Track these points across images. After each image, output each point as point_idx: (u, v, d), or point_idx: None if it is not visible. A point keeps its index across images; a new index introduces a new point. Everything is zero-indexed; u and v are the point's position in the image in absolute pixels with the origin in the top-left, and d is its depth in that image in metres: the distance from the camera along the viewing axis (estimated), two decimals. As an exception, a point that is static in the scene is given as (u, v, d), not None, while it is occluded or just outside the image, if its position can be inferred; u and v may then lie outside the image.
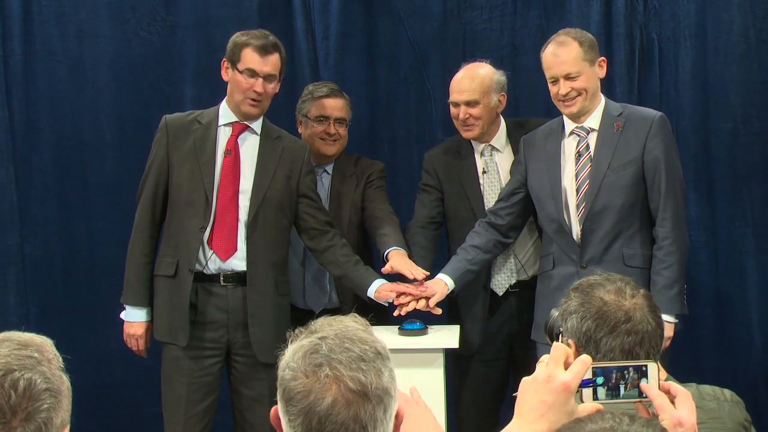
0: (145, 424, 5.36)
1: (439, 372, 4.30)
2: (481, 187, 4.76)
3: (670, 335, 4.19)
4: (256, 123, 4.56)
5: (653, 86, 5.47)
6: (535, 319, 4.53)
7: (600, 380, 2.09)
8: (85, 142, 5.63)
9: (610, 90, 5.24)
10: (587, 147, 4.41)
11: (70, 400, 2.04)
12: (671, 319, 4.21)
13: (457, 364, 4.86)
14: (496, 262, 4.74)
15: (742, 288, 5.51)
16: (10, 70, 5.51)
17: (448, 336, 4.38)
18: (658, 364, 2.12)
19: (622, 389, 2.16)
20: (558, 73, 4.33)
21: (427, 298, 4.37)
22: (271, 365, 3.92)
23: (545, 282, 4.52)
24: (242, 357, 4.49)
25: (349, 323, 2.12)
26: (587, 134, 4.42)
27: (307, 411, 1.97)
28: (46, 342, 2.07)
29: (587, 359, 2.05)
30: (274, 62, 4.45)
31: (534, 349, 4.49)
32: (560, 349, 2.06)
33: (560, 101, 4.37)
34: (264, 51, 4.43)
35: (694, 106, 5.47)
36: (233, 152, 4.50)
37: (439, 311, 4.45)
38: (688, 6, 5.44)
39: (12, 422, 1.91)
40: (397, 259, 4.47)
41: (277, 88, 4.55)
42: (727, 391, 2.61)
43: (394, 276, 4.53)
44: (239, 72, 4.42)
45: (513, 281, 4.78)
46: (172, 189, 4.50)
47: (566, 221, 4.41)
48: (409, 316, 4.42)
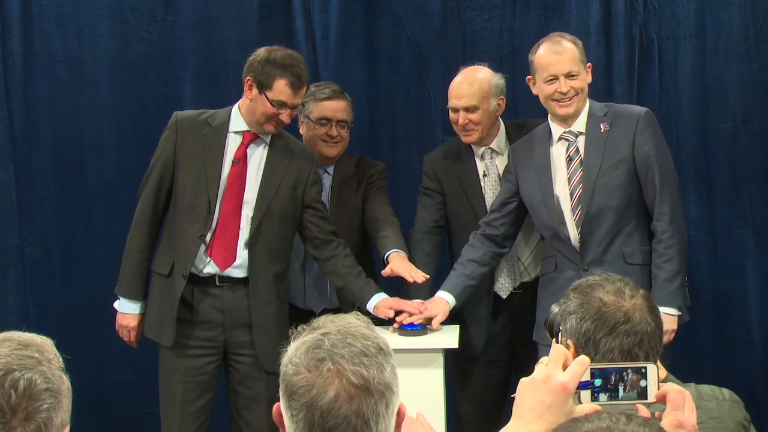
0: (144, 424, 5.37)
1: (439, 372, 4.30)
2: (483, 190, 4.76)
3: (673, 328, 4.22)
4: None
5: (653, 86, 5.48)
6: (537, 320, 4.52)
7: (598, 382, 2.09)
8: (85, 142, 5.64)
9: (609, 90, 5.33)
10: (577, 151, 4.42)
11: (70, 400, 2.04)
12: (674, 312, 4.25)
13: (459, 365, 4.88)
14: (500, 266, 4.75)
15: (742, 288, 5.52)
16: (10, 70, 5.52)
17: (447, 336, 4.38)
18: (657, 366, 2.11)
19: (621, 391, 2.15)
20: (559, 71, 4.32)
21: (427, 320, 4.37)
22: (276, 373, 4.14)
23: (548, 284, 4.52)
24: (241, 357, 4.50)
25: (352, 320, 2.14)
26: (576, 138, 4.43)
27: (310, 405, 1.98)
28: (46, 342, 2.08)
29: (585, 360, 2.05)
30: (303, 94, 4.48)
31: (536, 350, 4.48)
32: (559, 351, 2.07)
33: (556, 101, 4.35)
34: (298, 86, 4.40)
35: (693, 106, 5.48)
36: (241, 161, 4.48)
37: (440, 328, 4.44)
38: (687, 6, 5.44)
39: (12, 422, 1.92)
40: (397, 261, 4.47)
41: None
42: (726, 391, 2.61)
43: (394, 279, 4.55)
44: (268, 99, 4.36)
45: (517, 284, 4.79)
46: (176, 189, 4.49)
47: (562, 227, 4.42)
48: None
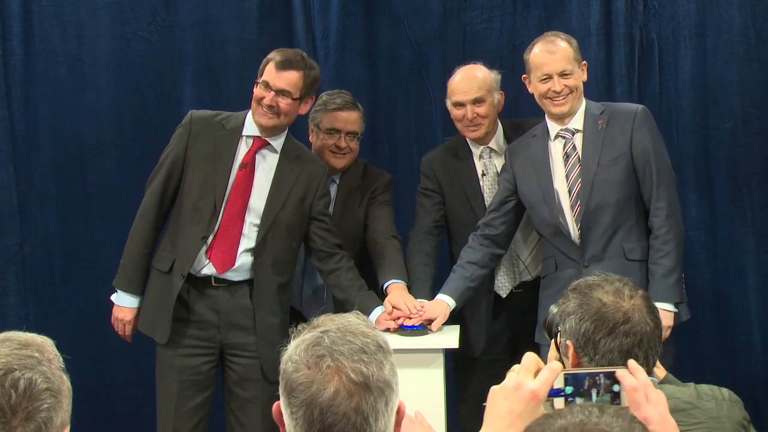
0: (144, 424, 5.33)
1: (439, 372, 4.30)
2: (482, 189, 4.77)
3: (669, 324, 4.21)
4: (277, 141, 4.52)
5: (653, 86, 5.49)
6: (539, 321, 4.51)
7: (569, 390, 2.10)
8: (85, 142, 5.65)
9: (610, 90, 5.35)
10: (574, 148, 4.43)
11: (71, 399, 2.04)
12: (670, 308, 4.25)
13: (459, 365, 4.87)
14: (500, 265, 4.75)
15: (742, 288, 5.53)
16: (10, 69, 5.53)
17: (447, 336, 4.37)
18: (629, 370, 2.09)
19: (594, 395, 2.16)
20: (553, 70, 4.34)
21: (427, 322, 4.37)
22: (276, 382, 4.18)
23: (549, 284, 4.52)
24: (237, 358, 4.50)
25: (352, 319, 2.15)
26: (573, 135, 4.44)
27: (309, 402, 1.98)
28: (46, 342, 2.10)
29: (557, 366, 2.05)
30: (289, 79, 4.38)
31: (538, 350, 4.44)
32: (531, 358, 2.07)
33: (550, 99, 4.37)
34: (281, 66, 4.39)
35: (694, 106, 5.49)
36: (249, 167, 4.47)
37: (441, 329, 4.44)
38: (687, 6, 5.46)
39: (12, 422, 1.92)
40: (395, 294, 4.45)
41: (297, 107, 4.47)
42: (725, 390, 2.60)
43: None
44: (258, 83, 4.41)
45: (517, 283, 4.80)
46: (184, 188, 4.49)
47: (563, 223, 4.42)
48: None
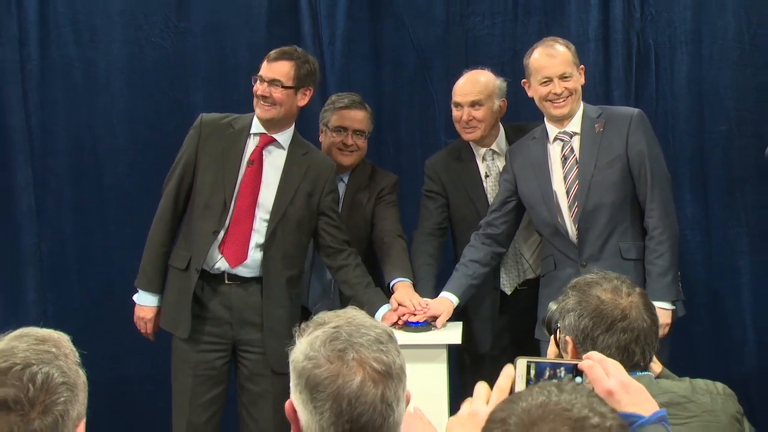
0: (157, 418, 5.32)
1: (443, 367, 4.31)
2: (485, 190, 4.78)
3: (668, 322, 4.23)
4: (284, 136, 4.55)
5: (650, 91, 5.49)
6: (539, 318, 4.51)
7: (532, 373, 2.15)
8: (99, 146, 5.68)
9: (608, 94, 5.35)
10: (572, 150, 4.45)
11: (86, 393, 2.07)
12: (668, 306, 4.26)
13: (465, 361, 4.89)
14: (505, 263, 4.78)
15: (736, 288, 5.54)
16: (27, 74, 5.56)
17: (451, 332, 4.39)
18: (593, 362, 2.11)
19: None
20: (553, 73, 4.35)
21: (432, 318, 4.39)
22: (285, 374, 4.18)
23: (549, 283, 4.53)
24: (248, 354, 4.52)
25: (355, 313, 2.18)
26: (570, 138, 4.45)
27: (336, 395, 2.00)
28: (63, 337, 2.11)
29: (505, 383, 2.08)
30: (278, 69, 4.42)
31: (539, 346, 4.46)
32: (481, 387, 2.10)
33: (550, 101, 4.39)
34: (272, 58, 4.46)
35: (689, 110, 5.50)
36: (256, 163, 4.50)
37: (445, 325, 4.45)
38: (683, 12, 5.46)
39: (30, 414, 1.94)
40: (401, 292, 4.47)
41: (296, 97, 4.48)
42: (719, 385, 2.61)
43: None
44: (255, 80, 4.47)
45: (521, 281, 4.82)
46: (196, 187, 4.53)
47: (561, 223, 4.44)
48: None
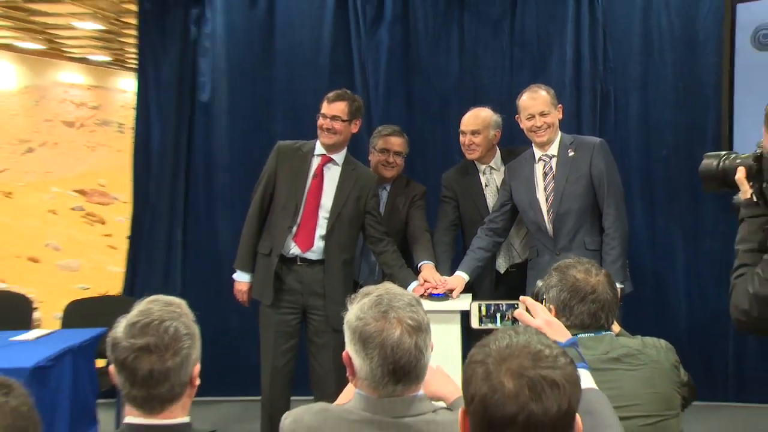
0: (250, 363, 5.25)
1: (457, 328, 4.28)
2: (485, 197, 4.78)
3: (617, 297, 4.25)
4: (339, 156, 4.59)
5: (610, 124, 5.54)
6: (527, 292, 4.51)
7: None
8: (212, 162, 5.85)
9: (579, 127, 5.35)
10: (551, 168, 4.42)
11: (200, 344, 2.11)
12: (618, 285, 4.24)
13: (470, 330, 4.90)
14: (499, 251, 4.76)
15: (672, 269, 5.63)
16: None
17: (463, 301, 4.37)
18: (525, 305, 2.33)
19: (498, 319, 2.63)
20: (535, 111, 4.36)
21: (449, 291, 4.42)
22: (342, 331, 4.22)
23: (533, 266, 4.54)
24: (314, 316, 4.55)
25: (389, 285, 2.21)
26: (550, 159, 4.43)
27: (382, 344, 2.03)
28: (182, 302, 2.14)
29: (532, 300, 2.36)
30: (337, 107, 4.49)
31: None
32: (535, 302, 2.33)
33: (533, 132, 4.39)
34: (332, 99, 4.52)
35: (639, 139, 5.56)
36: (319, 177, 4.55)
37: (459, 297, 4.47)
38: (635, 67, 5.53)
39: (165, 356, 2.01)
40: (426, 271, 4.50)
41: (350, 127, 4.54)
42: (662, 341, 2.62)
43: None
44: (318, 116, 4.52)
45: (510, 264, 4.81)
46: (275, 195, 4.59)
47: (542, 223, 4.44)
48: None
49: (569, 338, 2.14)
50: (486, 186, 4.81)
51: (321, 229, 4.54)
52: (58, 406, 4.26)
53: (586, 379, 1.97)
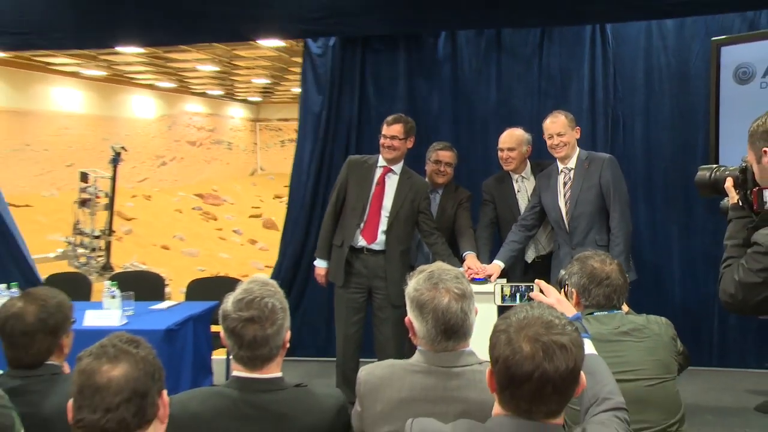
0: (329, 329, 5.49)
1: (493, 307, 4.18)
2: (518, 201, 4.72)
3: None
4: (397, 167, 4.57)
5: (619, 143, 5.45)
6: (551, 278, 4.46)
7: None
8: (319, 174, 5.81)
9: (594, 145, 5.27)
10: (570, 179, 4.36)
11: (289, 315, 2.11)
12: None
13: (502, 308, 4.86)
14: (528, 244, 4.70)
15: (669, 260, 5.50)
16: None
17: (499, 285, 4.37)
18: (539, 287, 2.34)
19: (518, 298, 2.65)
20: (553, 132, 4.32)
21: (488, 276, 4.38)
22: (399, 306, 4.16)
23: (555, 257, 4.51)
24: (378, 294, 4.53)
25: (439, 263, 2.21)
26: (570, 171, 4.37)
27: (434, 309, 2.03)
28: (275, 282, 2.14)
29: (546, 284, 2.36)
30: (395, 128, 4.48)
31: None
32: (548, 286, 2.34)
33: (552, 149, 4.35)
34: (390, 123, 4.51)
35: (643, 154, 5.47)
36: (381, 184, 4.54)
37: (495, 281, 4.41)
38: (639, 96, 5.45)
39: (265, 325, 2.02)
40: (469, 259, 4.45)
41: (405, 144, 4.52)
42: (663, 318, 2.56)
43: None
44: (380, 136, 4.53)
45: (537, 255, 4.74)
46: (347, 199, 4.59)
47: (561, 223, 4.39)
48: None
49: (575, 314, 2.14)
50: (518, 192, 4.74)
51: (383, 226, 4.52)
52: (183, 360, 4.35)
53: (588, 347, 1.95)
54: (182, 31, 5.49)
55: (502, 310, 5.26)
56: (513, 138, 4.64)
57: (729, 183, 2.38)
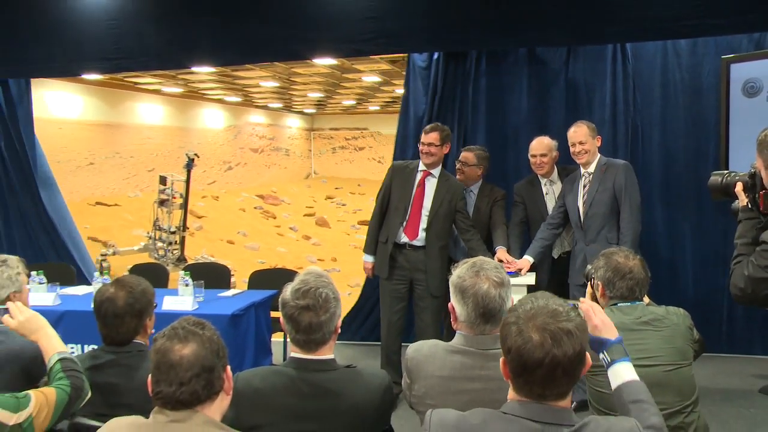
0: (375, 316, 5.46)
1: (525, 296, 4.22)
2: (546, 202, 4.65)
3: None
4: (436, 171, 4.51)
5: (638, 151, 5.33)
6: (570, 270, 4.46)
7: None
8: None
9: (615, 152, 5.17)
10: (589, 182, 4.30)
11: (341, 304, 2.11)
12: None
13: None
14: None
15: (683, 257, 5.37)
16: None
17: (529, 278, 4.31)
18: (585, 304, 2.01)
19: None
20: (575, 140, 4.29)
21: (519, 269, 4.34)
22: (438, 296, 4.21)
23: (574, 252, 4.45)
24: (418, 285, 4.49)
25: (481, 256, 2.18)
26: (590, 176, 4.31)
27: (475, 294, 2.03)
28: (325, 273, 2.13)
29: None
30: (432, 136, 4.43)
31: (568, 288, 4.42)
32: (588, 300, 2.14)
33: (575, 155, 4.32)
34: (427, 131, 4.47)
35: (659, 161, 5.35)
36: (421, 186, 4.50)
37: (525, 274, 4.37)
38: (656, 108, 5.34)
39: (319, 312, 2.02)
40: (501, 253, 4.41)
41: (442, 150, 4.46)
42: (681, 309, 2.51)
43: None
44: (419, 144, 4.51)
45: (562, 251, 4.67)
46: (391, 200, 4.55)
47: (578, 221, 4.34)
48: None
49: (618, 337, 1.95)
50: (546, 194, 4.68)
51: (423, 224, 4.47)
52: (246, 341, 4.38)
53: (628, 371, 1.86)
54: (249, 52, 5.56)
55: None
56: (544, 145, 4.59)
57: (739, 187, 2.36)
